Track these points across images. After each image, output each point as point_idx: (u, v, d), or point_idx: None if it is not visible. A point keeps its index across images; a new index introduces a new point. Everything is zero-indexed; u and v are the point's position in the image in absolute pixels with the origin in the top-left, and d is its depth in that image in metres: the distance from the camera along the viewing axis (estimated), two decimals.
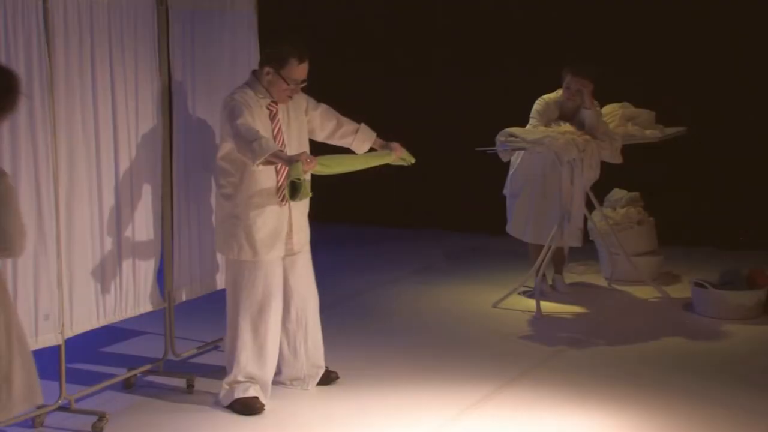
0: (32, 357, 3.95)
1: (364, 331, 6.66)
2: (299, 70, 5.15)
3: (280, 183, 5.19)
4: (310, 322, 5.51)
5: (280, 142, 5.15)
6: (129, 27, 5.23)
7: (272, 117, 5.19)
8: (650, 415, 5.13)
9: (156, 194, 5.47)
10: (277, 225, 5.23)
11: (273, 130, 5.17)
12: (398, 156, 5.49)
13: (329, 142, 5.52)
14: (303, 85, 5.21)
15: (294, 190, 4.86)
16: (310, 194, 5.03)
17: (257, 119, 5.08)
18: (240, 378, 5.25)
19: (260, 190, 5.17)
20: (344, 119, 5.49)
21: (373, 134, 5.53)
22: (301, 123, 5.34)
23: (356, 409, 5.28)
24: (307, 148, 5.32)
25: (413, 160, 5.57)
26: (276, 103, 5.21)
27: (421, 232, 9.66)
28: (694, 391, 5.46)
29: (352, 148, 5.51)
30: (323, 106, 5.46)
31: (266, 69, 5.17)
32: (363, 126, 5.52)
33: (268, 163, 4.94)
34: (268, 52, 5.25)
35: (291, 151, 5.14)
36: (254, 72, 5.25)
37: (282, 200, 5.21)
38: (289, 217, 5.28)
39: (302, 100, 5.37)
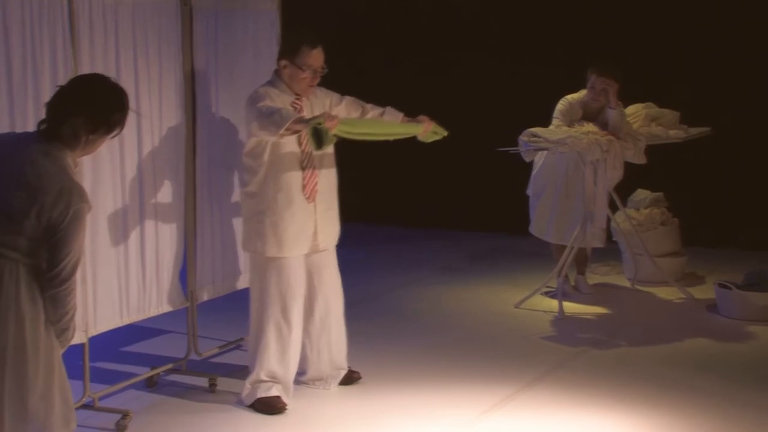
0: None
1: (385, 331, 6.65)
2: (313, 57, 5.14)
3: (305, 181, 5.19)
4: (333, 323, 5.50)
5: (305, 141, 5.13)
6: (153, 27, 5.24)
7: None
8: (673, 416, 5.11)
9: (179, 193, 5.48)
10: (303, 222, 5.22)
11: None
12: (427, 129, 5.40)
13: None
14: (323, 72, 5.18)
15: (318, 137, 4.79)
16: (335, 140, 4.95)
17: None
18: (262, 377, 5.25)
19: (285, 186, 5.16)
20: (370, 106, 5.45)
21: (400, 114, 5.46)
22: None
23: (378, 409, 5.28)
24: (331, 146, 5.30)
25: (446, 133, 5.47)
26: (299, 100, 5.21)
27: (442, 233, 9.64)
28: (718, 393, 5.43)
29: None
30: (348, 99, 5.42)
31: (282, 62, 5.19)
32: (389, 108, 5.46)
33: (292, 132, 4.92)
34: (281, 45, 5.30)
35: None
36: (276, 71, 5.26)
37: (308, 198, 5.20)
38: (314, 214, 5.27)
39: (326, 98, 5.35)
